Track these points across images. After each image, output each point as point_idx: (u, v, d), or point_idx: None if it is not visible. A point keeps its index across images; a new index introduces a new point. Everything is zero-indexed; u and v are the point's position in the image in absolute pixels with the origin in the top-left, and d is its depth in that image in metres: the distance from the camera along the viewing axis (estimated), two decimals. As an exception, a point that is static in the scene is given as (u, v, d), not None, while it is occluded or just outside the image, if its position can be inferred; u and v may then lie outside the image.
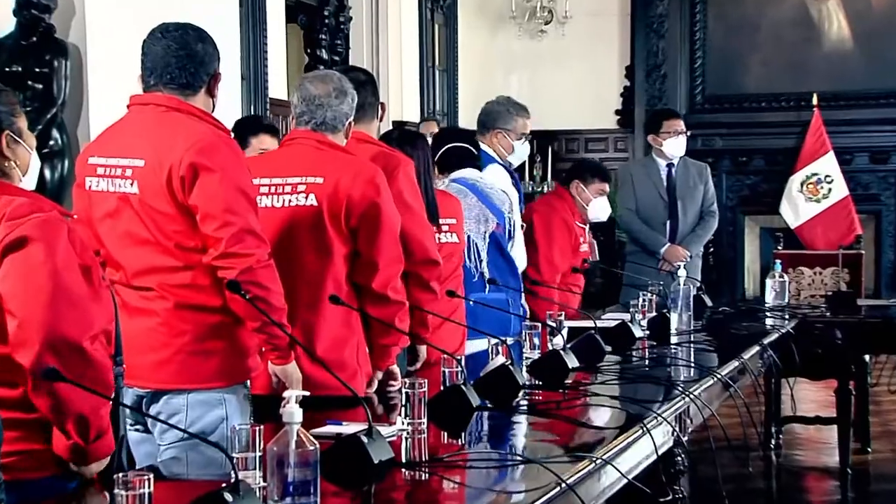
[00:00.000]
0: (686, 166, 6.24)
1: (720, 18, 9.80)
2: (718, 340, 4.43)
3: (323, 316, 3.16)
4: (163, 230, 2.79)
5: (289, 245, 3.13)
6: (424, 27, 9.51)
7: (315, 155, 3.22)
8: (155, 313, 2.80)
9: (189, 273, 2.80)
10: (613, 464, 2.57)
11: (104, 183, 2.85)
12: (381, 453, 2.27)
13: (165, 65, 2.85)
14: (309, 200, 3.16)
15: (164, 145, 2.78)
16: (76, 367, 2.18)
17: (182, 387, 2.80)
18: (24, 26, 5.02)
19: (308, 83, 3.29)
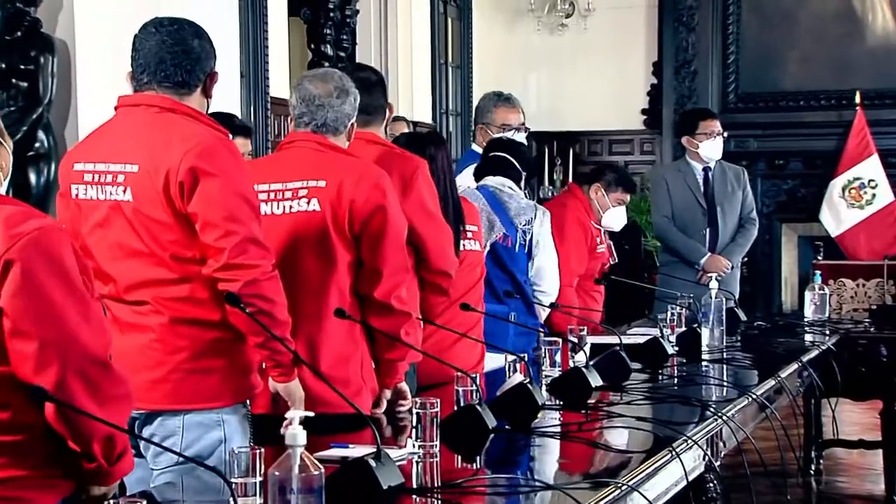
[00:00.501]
0: (723, 170, 6.23)
1: (755, 11, 9.78)
2: (753, 357, 4.42)
3: (326, 329, 3.16)
4: (158, 240, 2.79)
5: (291, 254, 3.13)
6: (437, 21, 9.52)
7: (316, 157, 3.23)
8: (149, 329, 2.80)
9: (186, 286, 2.80)
10: (640, 490, 2.56)
11: (92, 191, 2.84)
12: (390, 478, 2.27)
13: (159, 61, 2.85)
14: (311, 206, 3.16)
15: (160, 149, 2.78)
16: (103, 383, 2.21)
17: (178, 407, 2.80)
18: (8, 20, 5.04)
19: (307, 82, 3.29)
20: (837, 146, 9.42)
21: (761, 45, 9.76)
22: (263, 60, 6.96)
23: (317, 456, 2.01)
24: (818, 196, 9.46)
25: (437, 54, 9.57)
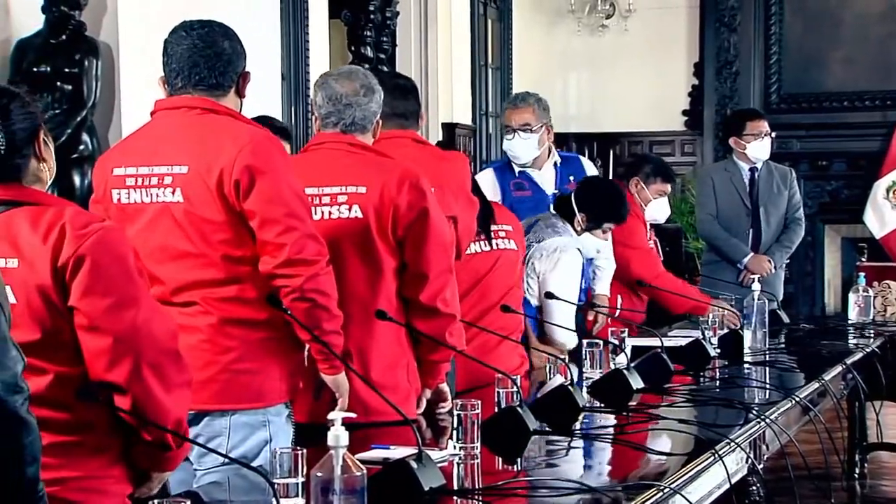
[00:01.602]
0: (770, 171, 6.17)
1: (798, 11, 9.71)
2: (797, 360, 4.40)
3: (376, 336, 3.16)
4: (208, 240, 2.79)
5: (334, 261, 3.12)
6: (476, 23, 9.52)
7: (350, 161, 3.21)
8: (197, 329, 2.80)
9: (235, 286, 2.81)
10: (682, 493, 2.55)
11: (136, 194, 2.84)
12: (431, 479, 2.28)
13: (193, 65, 2.86)
14: (353, 213, 3.15)
15: (211, 149, 2.78)
16: (172, 372, 2.28)
17: (226, 407, 2.81)
18: (53, 24, 5.09)
19: (333, 81, 3.26)
20: (881, 147, 9.33)
21: (804, 46, 9.69)
22: (304, 63, 6.99)
23: (358, 457, 2.01)
24: (862, 197, 9.38)
25: (477, 56, 9.57)
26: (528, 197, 4.78)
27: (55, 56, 5.08)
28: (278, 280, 2.79)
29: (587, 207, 4.44)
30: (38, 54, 5.07)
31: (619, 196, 4.58)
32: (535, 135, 4.79)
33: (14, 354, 1.88)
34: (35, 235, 2.23)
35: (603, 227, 4.47)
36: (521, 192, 4.77)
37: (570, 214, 4.45)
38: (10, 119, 2.27)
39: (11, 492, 1.88)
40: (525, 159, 4.81)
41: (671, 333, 4.79)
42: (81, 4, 5.13)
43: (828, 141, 9.62)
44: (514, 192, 4.79)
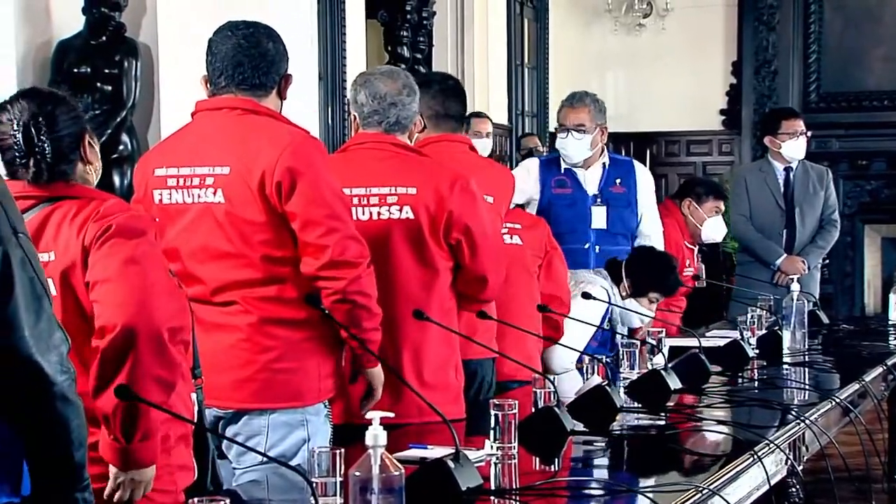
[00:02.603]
0: (805, 170, 6.12)
1: (838, 9, 9.64)
2: (836, 361, 4.36)
3: (429, 337, 3.18)
4: (249, 241, 2.80)
5: (384, 261, 3.11)
6: (513, 22, 9.51)
7: (396, 161, 3.22)
8: (237, 328, 2.82)
9: (275, 286, 2.82)
10: (721, 494, 2.54)
11: (178, 195, 2.85)
12: (469, 479, 2.27)
13: (237, 65, 2.87)
14: (404, 213, 3.16)
15: (252, 150, 2.79)
16: (149, 355, 2.27)
17: (265, 406, 2.82)
18: (93, 25, 5.12)
19: (376, 80, 3.26)
20: (922, 146, 9.26)
21: (844, 44, 9.61)
22: (341, 63, 7.01)
23: (396, 456, 2.01)
24: (903, 197, 9.31)
25: (514, 55, 9.56)
26: (567, 195, 4.76)
27: (95, 57, 5.11)
28: (321, 282, 2.80)
29: (635, 275, 4.43)
30: (78, 55, 5.11)
31: (669, 268, 4.52)
32: (588, 136, 4.75)
33: (60, 336, 1.89)
34: (71, 229, 2.28)
35: (649, 297, 4.45)
36: (562, 190, 4.74)
37: (618, 278, 4.43)
38: (56, 126, 2.30)
39: (58, 474, 1.90)
40: (577, 159, 4.77)
41: (709, 334, 4.76)
42: (121, 6, 5.17)
43: (867, 140, 9.55)
44: (554, 188, 4.76)
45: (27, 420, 1.87)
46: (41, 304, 1.87)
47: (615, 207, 4.75)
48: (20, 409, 1.86)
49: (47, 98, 2.35)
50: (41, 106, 2.31)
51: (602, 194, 4.77)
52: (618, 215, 4.74)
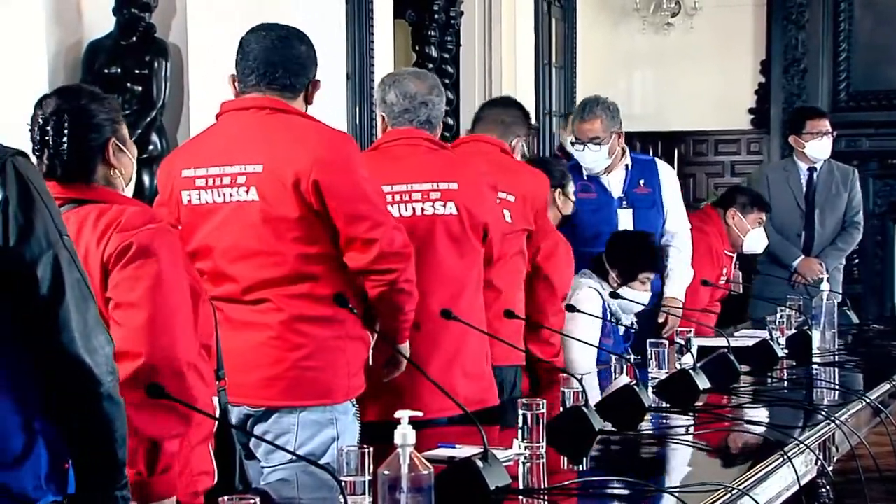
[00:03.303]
0: (831, 171, 6.06)
1: (868, 7, 9.56)
2: (866, 361, 4.33)
3: (468, 329, 3.21)
4: (282, 238, 2.80)
5: (431, 256, 3.18)
6: (541, 22, 9.49)
7: (433, 157, 3.26)
8: (267, 326, 2.82)
9: (307, 283, 2.82)
10: (751, 494, 2.52)
11: (207, 194, 2.85)
12: (497, 479, 2.27)
13: (269, 64, 2.87)
14: (448, 209, 3.22)
15: (285, 147, 2.79)
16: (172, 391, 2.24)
17: (294, 404, 2.82)
18: (123, 26, 5.14)
19: (406, 80, 3.30)
20: (953, 145, 9.18)
21: (874, 43, 9.54)
22: (369, 62, 7.01)
23: (424, 455, 2.01)
24: (933, 196, 9.23)
25: (541, 55, 9.54)
26: (592, 199, 4.71)
27: (125, 58, 5.13)
28: (373, 275, 2.82)
29: (618, 263, 4.33)
30: (108, 56, 5.13)
31: (648, 245, 4.42)
32: (604, 146, 4.69)
33: (105, 337, 1.92)
34: (93, 234, 2.27)
35: (640, 279, 4.33)
36: (586, 195, 4.70)
37: (603, 272, 4.34)
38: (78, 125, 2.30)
39: (101, 472, 1.92)
40: (597, 170, 4.73)
41: (738, 334, 4.74)
42: (151, 7, 5.19)
43: (898, 139, 9.48)
44: (578, 193, 4.73)
45: (74, 419, 1.89)
46: (88, 306, 1.90)
47: (641, 208, 4.72)
48: (68, 408, 1.88)
49: (76, 97, 2.35)
50: (68, 104, 2.31)
51: (627, 196, 4.73)
52: (644, 216, 4.70)
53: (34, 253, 1.83)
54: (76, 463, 1.92)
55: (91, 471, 1.92)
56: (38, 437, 1.86)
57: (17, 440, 1.84)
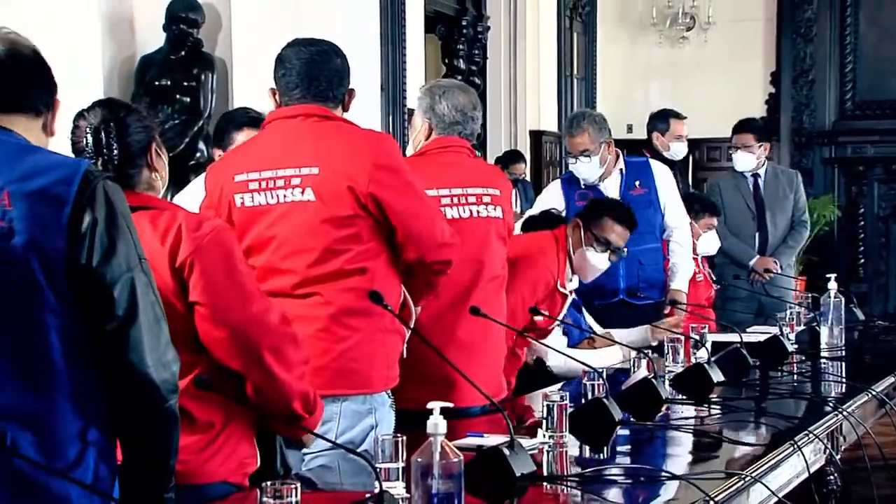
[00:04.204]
0: (775, 175, 6.13)
1: (873, 22, 9.50)
2: (872, 355, 4.29)
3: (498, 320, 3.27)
4: (336, 236, 2.80)
5: (485, 254, 3.24)
6: (563, 36, 9.47)
7: (476, 164, 3.37)
8: (317, 319, 2.80)
9: (356, 277, 2.82)
10: (763, 482, 2.50)
11: (261, 196, 2.83)
12: (523, 466, 2.26)
13: (312, 77, 2.87)
14: (496, 212, 3.29)
15: (340, 151, 2.81)
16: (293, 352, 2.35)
17: (337, 393, 2.81)
18: (173, 41, 5.17)
19: (457, 93, 3.33)
20: (953, 151, 9.10)
21: (879, 55, 9.49)
22: (401, 74, 7.02)
23: (454, 444, 2.00)
24: (934, 200, 9.16)
25: (563, 67, 9.52)
26: None
27: (175, 70, 5.16)
28: (436, 265, 2.88)
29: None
30: (159, 69, 5.16)
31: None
32: (595, 157, 4.61)
33: (173, 355, 1.93)
34: (154, 238, 2.26)
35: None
36: (584, 203, 4.68)
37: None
38: (125, 132, 2.30)
39: (154, 479, 1.94)
40: (592, 179, 4.68)
41: (749, 329, 4.70)
42: (199, 23, 5.21)
43: (901, 146, 9.43)
44: (577, 202, 4.70)
45: (135, 431, 1.91)
46: (160, 327, 1.91)
47: (637, 209, 4.66)
48: (130, 421, 1.90)
49: (119, 106, 2.36)
50: (113, 113, 2.32)
51: (623, 199, 4.70)
52: (641, 216, 4.64)
53: (114, 274, 1.84)
54: (131, 469, 1.93)
55: (144, 477, 1.93)
56: (91, 448, 1.86)
57: (72, 448, 1.84)
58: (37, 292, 1.80)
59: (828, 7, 9.63)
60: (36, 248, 1.79)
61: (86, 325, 1.84)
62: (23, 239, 1.78)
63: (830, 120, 9.76)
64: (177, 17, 5.15)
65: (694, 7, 9.94)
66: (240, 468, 2.35)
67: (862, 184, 9.70)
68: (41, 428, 1.81)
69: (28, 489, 1.79)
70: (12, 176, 1.81)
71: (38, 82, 1.94)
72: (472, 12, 8.44)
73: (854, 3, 9.60)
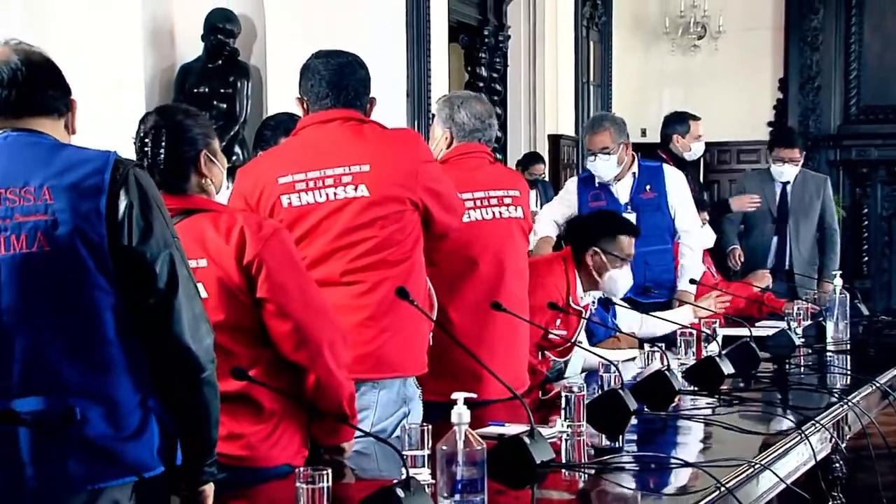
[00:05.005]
0: (804, 179, 5.72)
1: (877, 31, 9.44)
2: (876, 349, 4.26)
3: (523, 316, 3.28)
4: (387, 227, 2.81)
5: (513, 253, 3.26)
6: (580, 44, 9.45)
7: (496, 168, 3.38)
8: (363, 308, 2.80)
9: (401, 266, 2.83)
10: (772, 469, 2.49)
11: (309, 196, 2.81)
12: (542, 453, 2.26)
13: (342, 87, 2.87)
14: (517, 212, 3.31)
15: (386, 150, 2.84)
16: (343, 351, 2.39)
17: (377, 377, 2.80)
18: (211, 51, 5.19)
19: (474, 102, 3.34)
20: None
21: (882, 63, 9.43)
22: (426, 81, 7.02)
23: (477, 432, 2.00)
24: (935, 200, 9.10)
25: (580, 74, 9.50)
26: (602, 206, 4.61)
27: (212, 78, 5.18)
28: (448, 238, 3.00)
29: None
30: (198, 77, 5.18)
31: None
32: (613, 156, 4.59)
33: (207, 328, 1.96)
34: (218, 237, 2.30)
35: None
36: (597, 203, 4.62)
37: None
38: (175, 139, 2.33)
39: (197, 448, 1.97)
40: (608, 178, 4.66)
41: (759, 324, 4.67)
42: (235, 33, 5.23)
43: (903, 149, 9.37)
44: (590, 202, 4.68)
45: (178, 399, 1.93)
46: (196, 300, 1.95)
47: (645, 212, 4.63)
48: (174, 390, 1.93)
49: (176, 112, 2.38)
50: (166, 119, 2.34)
51: (633, 202, 4.66)
52: (649, 219, 4.61)
53: (154, 251, 1.88)
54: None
55: (188, 446, 1.96)
56: (151, 415, 1.91)
57: (135, 416, 1.89)
58: (87, 276, 1.84)
59: (833, 16, 9.57)
60: (81, 236, 1.83)
61: (132, 301, 1.88)
62: (67, 228, 1.83)
63: (836, 124, 9.70)
64: (214, 27, 5.17)
65: (705, 17, 9.89)
66: (298, 453, 2.38)
67: (866, 185, 9.64)
68: (106, 400, 1.86)
69: (101, 456, 1.84)
70: (49, 172, 1.86)
71: (54, 86, 1.97)
72: (494, 22, 8.43)
73: (859, 13, 9.54)
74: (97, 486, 1.83)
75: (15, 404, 1.82)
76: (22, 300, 1.83)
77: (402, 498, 1.79)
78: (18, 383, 1.82)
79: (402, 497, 1.79)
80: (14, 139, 1.91)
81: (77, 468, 1.82)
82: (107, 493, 1.84)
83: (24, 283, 1.83)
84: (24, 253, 1.82)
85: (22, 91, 1.91)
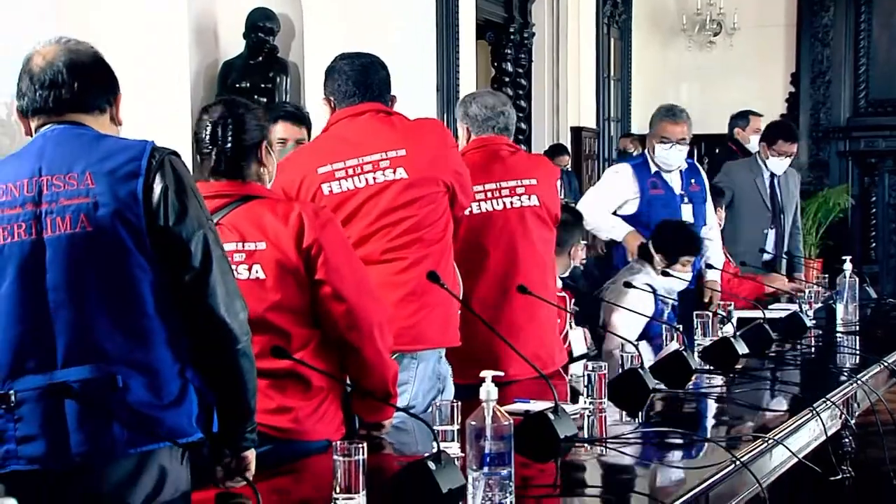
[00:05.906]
0: (786, 174, 5.57)
1: (886, 27, 9.34)
2: (884, 330, 4.22)
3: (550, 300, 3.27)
4: (424, 206, 2.83)
5: (526, 241, 3.24)
6: (601, 41, 9.41)
7: (516, 158, 3.31)
8: (404, 285, 2.81)
9: (438, 244, 2.85)
10: (785, 444, 2.47)
11: (348, 182, 2.81)
12: (566, 429, 2.25)
13: (368, 84, 2.89)
14: (532, 201, 3.27)
15: (418, 135, 2.87)
16: (388, 335, 2.39)
17: (416, 348, 2.80)
18: (252, 48, 5.19)
19: (485, 95, 3.36)
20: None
21: (890, 57, 9.35)
22: (455, 76, 7.00)
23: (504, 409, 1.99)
24: (940, 188, 9.00)
25: (602, 69, 9.45)
26: (661, 195, 4.52)
27: (253, 74, 5.18)
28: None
29: (663, 247, 4.12)
30: (239, 73, 5.18)
31: (688, 232, 4.22)
32: (687, 147, 4.56)
33: (242, 303, 1.97)
34: (277, 222, 2.31)
35: (681, 262, 4.12)
36: (656, 191, 4.54)
37: (649, 256, 4.14)
38: (241, 128, 2.33)
39: (236, 416, 1.98)
40: (675, 166, 4.54)
41: (772, 307, 4.63)
42: (275, 31, 5.23)
43: (910, 140, 9.27)
44: (650, 190, 4.58)
45: (215, 370, 1.95)
46: (230, 276, 1.96)
47: (696, 203, 4.60)
48: (211, 361, 1.94)
49: (239, 105, 2.38)
50: (231, 111, 2.34)
51: (686, 193, 4.62)
52: (699, 210, 4.59)
53: (189, 231, 1.89)
54: (216, 408, 1.96)
55: (227, 414, 1.97)
56: (189, 384, 1.92)
57: (174, 385, 1.90)
58: (127, 254, 1.86)
59: (843, 14, 9.46)
60: (120, 217, 1.86)
61: (170, 278, 1.90)
62: (108, 210, 1.86)
63: (845, 117, 9.61)
64: (255, 26, 5.17)
65: (721, 14, 9.80)
66: (338, 429, 2.39)
67: (874, 175, 9.56)
68: (146, 370, 1.87)
69: (143, 422, 1.85)
70: (91, 160, 1.89)
71: (98, 85, 1.99)
72: (519, 20, 8.39)
73: (868, 10, 9.44)
74: (139, 449, 1.85)
75: (58, 375, 1.84)
76: (67, 278, 1.85)
77: (434, 470, 1.79)
78: (63, 356, 1.85)
79: (434, 469, 1.79)
80: (59, 132, 1.94)
81: (120, 433, 1.84)
82: (152, 456, 1.87)
83: (70, 262, 1.85)
84: (69, 233, 1.85)
85: (63, 93, 1.94)
